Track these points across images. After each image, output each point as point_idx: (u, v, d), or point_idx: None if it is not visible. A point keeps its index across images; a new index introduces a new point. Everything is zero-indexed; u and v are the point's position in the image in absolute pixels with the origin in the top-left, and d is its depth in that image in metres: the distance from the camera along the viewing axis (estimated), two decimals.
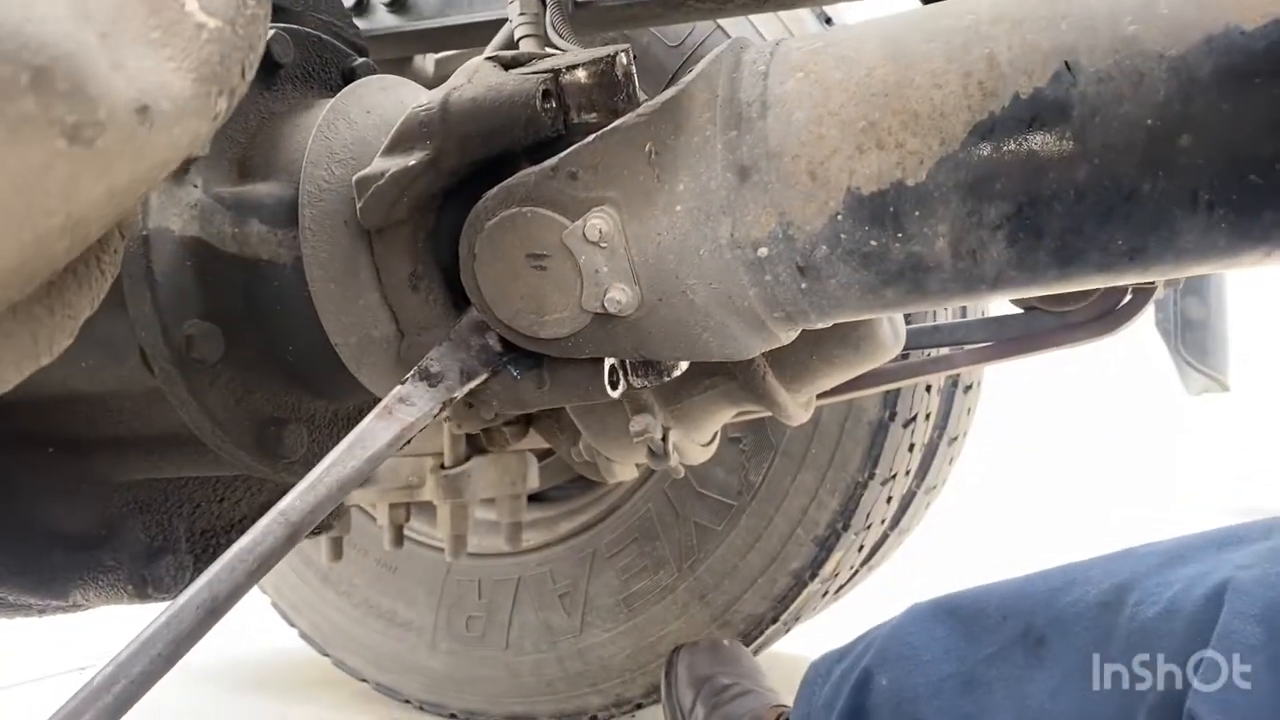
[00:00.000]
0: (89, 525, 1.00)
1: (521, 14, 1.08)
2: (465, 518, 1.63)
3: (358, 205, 0.80)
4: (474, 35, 1.37)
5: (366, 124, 0.87)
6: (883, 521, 1.70)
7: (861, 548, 1.69)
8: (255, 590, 1.88)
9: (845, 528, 1.57)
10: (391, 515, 1.70)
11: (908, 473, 1.68)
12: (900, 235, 0.66)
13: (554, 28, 1.06)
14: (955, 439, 1.90)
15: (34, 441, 0.98)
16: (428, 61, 1.61)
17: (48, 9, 0.31)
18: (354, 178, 0.80)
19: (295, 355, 0.88)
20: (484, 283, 0.77)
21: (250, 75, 0.39)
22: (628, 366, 0.87)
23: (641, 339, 0.76)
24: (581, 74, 0.79)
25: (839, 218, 0.67)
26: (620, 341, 0.77)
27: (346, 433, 0.98)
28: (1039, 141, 0.62)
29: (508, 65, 0.83)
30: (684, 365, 0.91)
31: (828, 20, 1.59)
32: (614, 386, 0.85)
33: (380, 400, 0.91)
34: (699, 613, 1.66)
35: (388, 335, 0.85)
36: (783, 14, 1.54)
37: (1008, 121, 0.62)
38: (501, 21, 1.16)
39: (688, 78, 0.73)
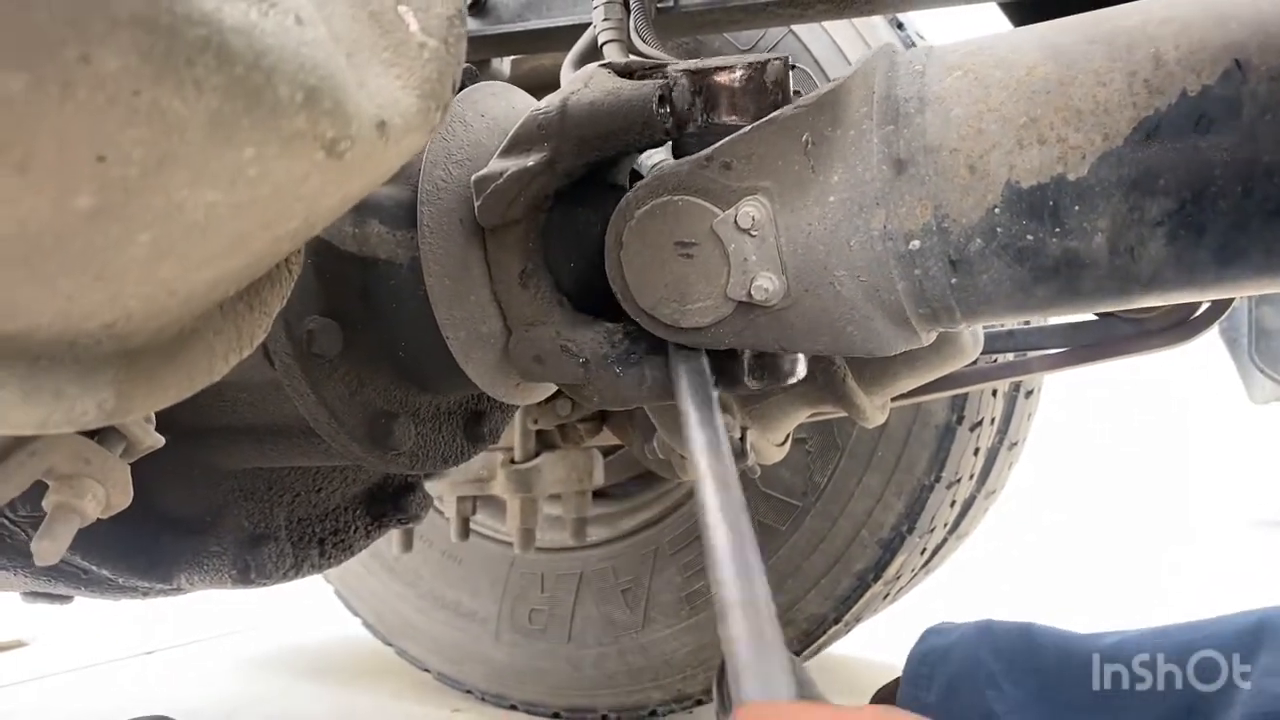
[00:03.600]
0: (197, 511, 1.04)
1: (605, 19, 1.10)
2: (535, 512, 1.66)
3: (476, 204, 0.83)
4: (554, 39, 1.39)
5: (481, 127, 0.90)
6: (945, 525, 1.71)
7: (924, 550, 1.70)
8: (319, 579, 1.93)
9: (910, 530, 1.58)
10: (459, 508, 1.73)
11: (971, 477, 1.69)
12: (1058, 230, 0.67)
13: (637, 32, 1.08)
14: (1015, 444, 1.91)
15: None
16: (504, 64, 1.64)
17: (314, 33, 0.34)
18: (473, 177, 0.83)
19: (406, 351, 0.91)
20: (629, 271, 0.78)
21: (457, 90, 0.42)
22: (746, 366, 0.88)
23: (784, 330, 0.76)
24: (735, 75, 0.81)
25: (996, 211, 0.67)
26: (762, 332, 0.77)
27: (449, 427, 1.01)
28: (1206, 139, 0.62)
29: (621, 73, 0.86)
30: (802, 371, 0.92)
31: (899, 25, 1.60)
32: (717, 385, 0.88)
33: (484, 393, 0.94)
34: None
35: (495, 331, 0.88)
36: (855, 20, 1.56)
37: (1174, 118, 0.63)
38: (581, 26, 1.18)
39: (844, 75, 0.74)
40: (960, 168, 0.68)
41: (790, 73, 0.80)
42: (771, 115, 0.73)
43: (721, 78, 0.79)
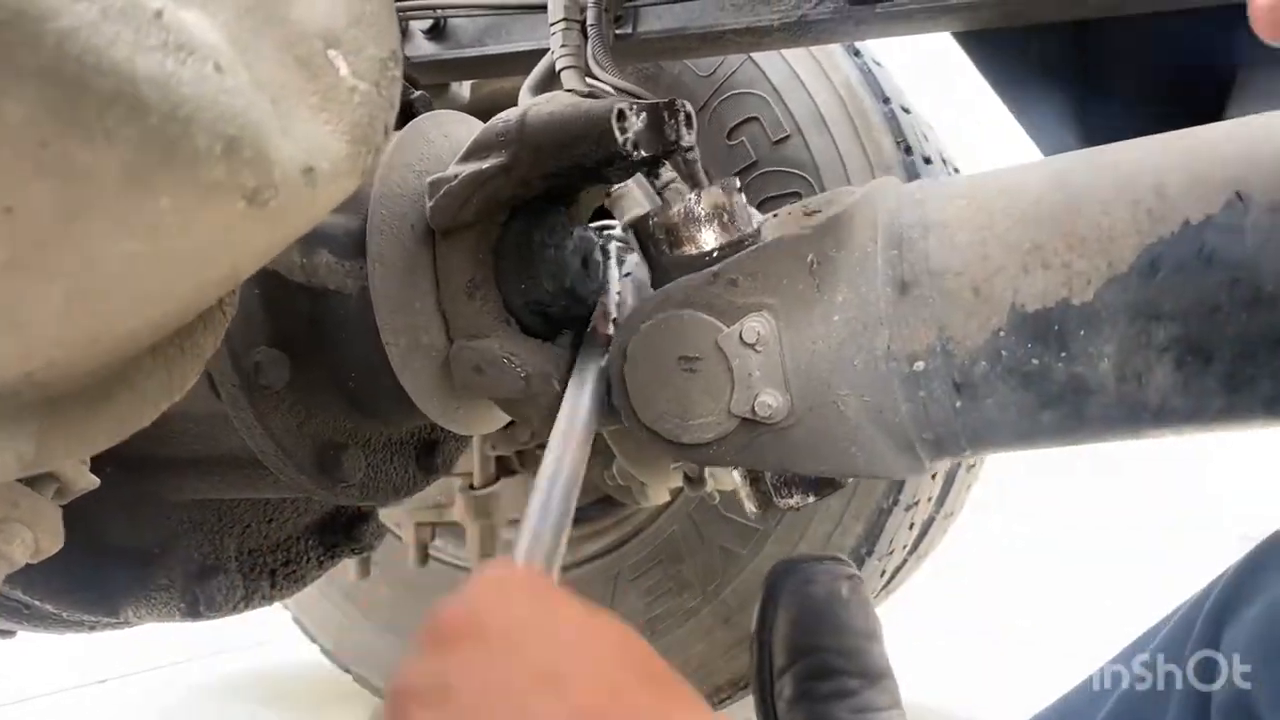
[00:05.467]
0: (144, 543, 1.02)
1: (563, 45, 1.11)
2: (494, 538, 1.65)
3: (428, 204, 0.83)
4: (512, 65, 1.39)
5: (443, 145, 0.91)
6: (904, 547, 1.71)
7: (884, 573, 1.70)
8: (278, 605, 1.89)
9: (869, 553, 1.58)
10: (417, 534, 1.72)
11: (930, 499, 1.70)
12: (1064, 354, 0.67)
13: (594, 59, 1.09)
14: (974, 465, 1.92)
15: (94, 461, 1.00)
16: (464, 88, 1.64)
17: (234, 80, 0.34)
18: (428, 179, 0.83)
19: (356, 381, 0.90)
20: (632, 385, 0.78)
21: (390, 133, 0.42)
22: (771, 485, 0.86)
23: (787, 450, 0.76)
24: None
25: (1001, 334, 0.68)
26: (765, 451, 0.76)
27: (401, 458, 1.00)
28: (1210, 267, 0.63)
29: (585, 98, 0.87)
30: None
31: (856, 53, 1.62)
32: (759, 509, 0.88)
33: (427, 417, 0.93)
34: (723, 636, 1.67)
35: (436, 344, 0.87)
36: (814, 49, 1.57)
37: (1178, 246, 0.64)
38: (540, 52, 1.18)
39: (848, 201, 0.75)
40: (964, 290, 0.68)
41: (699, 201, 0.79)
42: (779, 235, 0.74)
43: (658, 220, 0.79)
